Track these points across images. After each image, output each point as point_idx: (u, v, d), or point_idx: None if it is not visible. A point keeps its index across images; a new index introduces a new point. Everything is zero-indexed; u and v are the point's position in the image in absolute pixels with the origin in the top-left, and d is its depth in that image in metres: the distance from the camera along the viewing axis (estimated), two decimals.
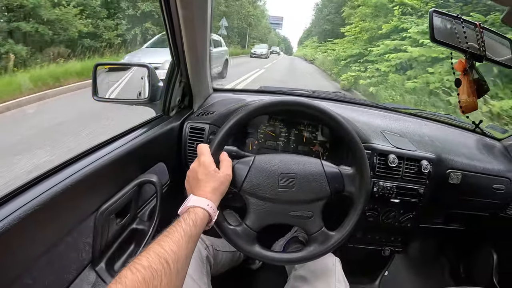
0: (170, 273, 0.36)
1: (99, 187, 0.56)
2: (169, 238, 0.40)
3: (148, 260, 0.36)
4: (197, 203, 0.47)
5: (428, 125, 0.95)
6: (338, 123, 0.58)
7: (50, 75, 4.58)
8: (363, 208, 0.57)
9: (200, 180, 0.50)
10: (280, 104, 0.58)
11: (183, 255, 0.40)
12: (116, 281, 0.33)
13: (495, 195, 0.85)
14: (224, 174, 0.52)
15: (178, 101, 0.84)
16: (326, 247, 0.56)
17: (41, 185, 0.46)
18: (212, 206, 0.48)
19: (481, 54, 0.59)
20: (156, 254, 0.37)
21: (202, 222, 0.46)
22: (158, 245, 0.38)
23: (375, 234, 0.86)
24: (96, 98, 0.83)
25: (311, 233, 0.56)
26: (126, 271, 0.34)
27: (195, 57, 0.75)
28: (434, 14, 0.58)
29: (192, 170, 0.52)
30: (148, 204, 0.74)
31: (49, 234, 0.46)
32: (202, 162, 0.52)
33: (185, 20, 0.64)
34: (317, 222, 0.56)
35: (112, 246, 0.62)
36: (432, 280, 1.13)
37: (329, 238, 0.56)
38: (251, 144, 0.86)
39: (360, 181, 0.58)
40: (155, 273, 0.35)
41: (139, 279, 0.33)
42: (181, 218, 0.44)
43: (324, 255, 0.56)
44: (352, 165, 0.59)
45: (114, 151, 0.59)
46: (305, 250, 0.56)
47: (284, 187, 0.55)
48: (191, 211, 0.46)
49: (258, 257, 0.55)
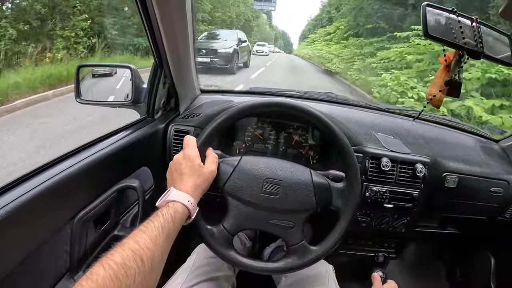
0: (144, 272, 0.35)
1: (76, 193, 0.54)
2: (146, 234, 0.38)
3: (122, 257, 0.34)
4: (177, 197, 0.45)
5: (423, 126, 0.92)
6: (327, 126, 0.56)
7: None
8: (348, 224, 0.54)
9: (183, 174, 0.48)
10: (276, 105, 0.56)
11: (159, 252, 0.38)
12: (87, 277, 0.31)
13: (493, 199, 0.82)
14: (209, 170, 0.50)
15: (163, 103, 0.82)
16: (304, 261, 0.53)
17: (14, 191, 0.43)
18: (192, 203, 0.46)
19: (478, 51, 0.55)
20: (131, 250, 0.35)
21: (181, 218, 0.44)
22: (134, 241, 0.36)
23: (368, 240, 0.84)
24: (79, 101, 0.81)
25: (290, 245, 0.53)
26: (98, 267, 0.32)
27: (177, 57, 0.72)
28: (428, 8, 0.54)
29: (175, 162, 0.50)
30: (131, 210, 0.72)
31: (24, 243, 0.44)
32: (187, 154, 0.50)
33: (163, 18, 0.61)
34: (298, 234, 0.53)
35: (91, 254, 0.61)
36: (429, 285, 1.10)
37: (309, 252, 0.53)
38: (238, 147, 0.83)
39: (348, 196, 0.55)
40: (128, 271, 0.33)
41: (111, 277, 0.31)
42: (159, 213, 0.42)
43: (302, 269, 0.54)
44: (342, 180, 0.57)
45: (93, 155, 0.57)
46: (282, 261, 0.54)
47: (268, 193, 0.52)
48: (170, 206, 0.44)
49: (232, 262, 0.53)
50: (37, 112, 3.58)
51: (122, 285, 0.32)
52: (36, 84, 4.09)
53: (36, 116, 3.41)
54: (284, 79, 8.25)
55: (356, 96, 5.66)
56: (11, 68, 4.56)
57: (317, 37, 22.81)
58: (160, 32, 0.64)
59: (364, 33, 10.71)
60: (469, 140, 0.94)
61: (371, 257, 0.86)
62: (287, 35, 78.07)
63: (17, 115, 3.46)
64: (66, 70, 4.57)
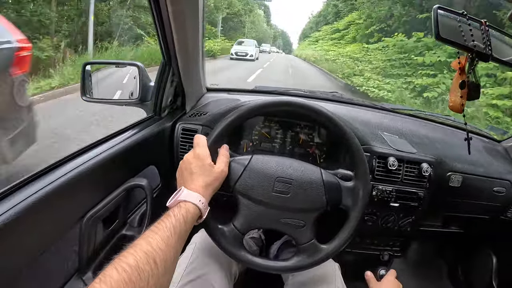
0: (158, 274, 0.34)
1: (84, 192, 0.54)
2: (158, 235, 0.37)
3: (135, 259, 0.33)
4: (188, 197, 0.44)
5: (427, 126, 0.93)
6: (337, 125, 0.56)
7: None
8: (357, 223, 0.55)
9: (194, 173, 0.48)
10: (287, 104, 0.56)
11: (172, 254, 0.38)
12: (100, 280, 0.30)
13: (496, 198, 0.83)
14: (220, 170, 0.50)
15: (170, 102, 0.81)
16: (314, 260, 0.53)
17: (24, 191, 0.43)
18: (203, 202, 0.46)
19: (487, 53, 0.56)
20: (144, 252, 0.34)
21: (192, 219, 0.44)
22: (146, 243, 0.36)
23: (374, 239, 0.84)
24: (85, 99, 0.80)
25: (300, 244, 0.54)
26: (112, 270, 0.31)
27: (186, 56, 0.72)
28: (439, 11, 0.55)
29: (186, 161, 0.50)
30: (139, 209, 0.72)
31: (33, 243, 0.44)
32: (198, 154, 0.49)
33: (175, 16, 0.61)
34: (308, 233, 0.54)
35: (99, 253, 0.60)
36: (432, 284, 1.12)
37: (319, 251, 0.54)
38: (246, 146, 0.83)
39: (358, 195, 0.55)
40: (142, 274, 0.32)
41: (125, 280, 0.31)
42: (170, 213, 0.42)
43: (311, 267, 0.55)
44: (351, 179, 0.57)
45: (100, 155, 0.56)
46: (292, 260, 0.54)
47: (279, 192, 0.53)
48: (182, 206, 0.43)
49: (243, 261, 0.53)
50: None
51: (135, 287, 0.31)
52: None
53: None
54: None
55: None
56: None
57: (321, 35, 19.78)
58: (171, 29, 0.63)
59: (398, 29, 6.92)
60: (472, 140, 0.95)
61: (376, 256, 0.87)
62: (286, 34, 75.97)
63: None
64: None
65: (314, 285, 0.62)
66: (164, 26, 0.64)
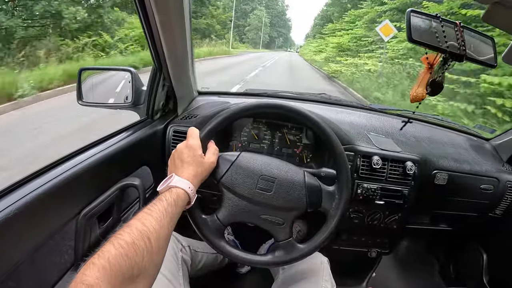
0: (152, 251, 0.36)
1: (81, 190, 0.57)
2: (151, 216, 0.39)
3: (131, 236, 0.35)
4: (179, 184, 0.47)
5: (414, 126, 0.94)
6: (319, 126, 0.58)
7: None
8: (335, 226, 0.56)
9: (185, 162, 0.50)
10: (279, 107, 0.58)
11: (164, 234, 0.40)
12: (99, 255, 0.32)
13: (484, 195, 0.84)
14: (210, 161, 0.53)
15: (162, 105, 0.85)
16: (291, 257, 0.55)
17: (21, 189, 0.46)
18: (192, 190, 0.48)
19: (461, 53, 0.58)
20: (139, 231, 0.36)
21: (182, 204, 0.46)
22: (140, 222, 0.38)
23: (361, 236, 0.86)
24: (80, 103, 0.83)
25: (279, 240, 0.56)
26: (109, 246, 0.33)
27: (176, 61, 0.75)
28: (412, 14, 0.57)
29: (178, 150, 0.52)
30: (132, 207, 0.75)
31: (31, 238, 0.46)
32: (190, 144, 0.52)
33: (163, 26, 0.64)
34: (286, 231, 0.55)
35: (94, 249, 0.63)
36: (422, 280, 1.12)
37: (296, 249, 0.56)
38: (234, 147, 0.86)
39: (338, 200, 0.57)
40: (138, 249, 0.34)
41: (122, 255, 0.32)
42: (162, 197, 0.44)
43: (288, 264, 0.56)
44: (334, 179, 0.59)
45: (96, 155, 0.60)
46: (268, 256, 0.56)
47: (262, 189, 0.55)
48: (173, 191, 0.45)
49: (221, 251, 0.55)
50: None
51: (132, 263, 0.33)
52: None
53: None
54: None
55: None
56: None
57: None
58: (160, 38, 0.66)
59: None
60: (460, 139, 0.96)
61: (364, 253, 0.88)
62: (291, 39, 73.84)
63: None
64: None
65: (302, 277, 0.64)
66: (153, 34, 0.67)
